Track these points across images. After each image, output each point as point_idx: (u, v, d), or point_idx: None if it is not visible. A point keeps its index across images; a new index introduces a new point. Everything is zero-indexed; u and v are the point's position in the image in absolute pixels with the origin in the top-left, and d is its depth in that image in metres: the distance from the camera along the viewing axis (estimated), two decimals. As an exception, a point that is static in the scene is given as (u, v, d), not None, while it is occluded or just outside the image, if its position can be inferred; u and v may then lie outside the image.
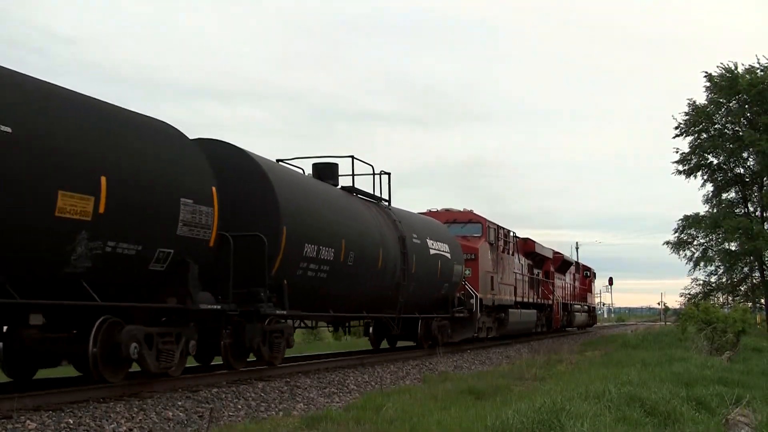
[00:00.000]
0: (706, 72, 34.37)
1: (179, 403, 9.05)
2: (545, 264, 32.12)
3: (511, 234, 26.38)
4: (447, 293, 19.26)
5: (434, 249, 18.10)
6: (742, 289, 36.89)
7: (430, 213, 22.91)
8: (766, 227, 33.96)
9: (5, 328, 8.94)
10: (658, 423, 8.05)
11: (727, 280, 36.59)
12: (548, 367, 15.40)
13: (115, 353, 8.90)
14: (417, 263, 16.88)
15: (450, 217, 23.08)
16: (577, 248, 77.43)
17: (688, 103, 35.27)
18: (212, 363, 12.51)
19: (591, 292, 44.47)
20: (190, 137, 10.81)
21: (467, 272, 20.95)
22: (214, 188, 10.22)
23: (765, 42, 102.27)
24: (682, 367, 13.02)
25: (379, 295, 15.51)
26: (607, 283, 77.03)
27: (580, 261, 44.51)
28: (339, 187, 15.29)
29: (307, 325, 15.59)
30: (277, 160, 13.90)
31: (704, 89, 34.85)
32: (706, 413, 8.97)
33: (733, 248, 35.14)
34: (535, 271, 30.32)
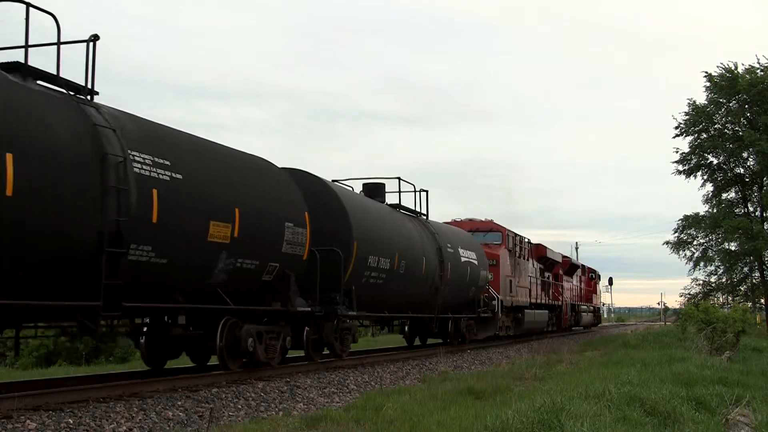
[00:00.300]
0: (706, 72, 34.43)
1: (179, 402, 9.05)
2: (555, 267, 34.13)
3: (526, 240, 28.40)
4: (474, 296, 21.56)
5: (464, 257, 20.34)
6: (742, 289, 36.91)
7: (455, 222, 25.13)
8: (765, 227, 33.97)
9: (145, 327, 11.51)
10: (658, 423, 8.05)
11: (726, 280, 36.61)
12: (548, 367, 15.41)
13: (236, 346, 11.28)
14: (451, 270, 19.05)
15: (473, 226, 25.27)
16: (576, 248, 77.50)
17: (688, 103, 35.32)
18: (288, 356, 13.99)
19: (596, 293, 46.57)
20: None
21: (490, 276, 22.91)
22: (306, 213, 12.76)
23: (765, 42, 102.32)
24: (682, 367, 13.01)
25: (421, 298, 17.77)
26: (607, 283, 77.19)
27: (579, 261, 44.90)
28: (386, 203, 17.63)
29: (365, 324, 17.76)
30: (333, 181, 15.72)
31: (704, 89, 34.90)
32: (706, 413, 8.97)
33: (733, 248, 35.16)
34: (546, 274, 32.23)
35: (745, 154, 35.05)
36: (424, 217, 19.42)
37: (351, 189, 16.26)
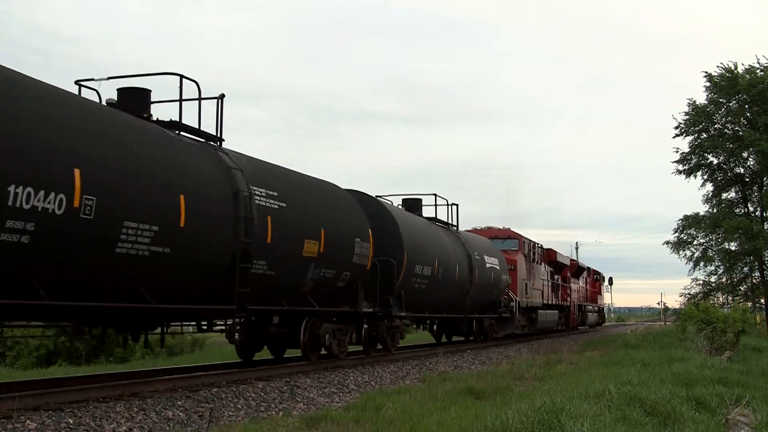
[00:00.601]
0: (706, 72, 34.43)
1: (179, 402, 9.05)
2: (563, 270, 36.08)
3: (538, 246, 30.71)
4: (495, 298, 24.02)
5: (489, 264, 22.72)
6: (742, 289, 36.90)
7: (476, 230, 27.24)
8: (765, 227, 33.96)
9: (238, 326, 13.29)
10: (658, 423, 8.05)
11: (726, 280, 36.60)
12: (548, 367, 15.41)
13: (315, 341, 13.70)
14: (478, 275, 21.47)
15: (492, 234, 27.72)
16: (576, 248, 77.45)
17: (688, 103, 35.31)
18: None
19: (600, 294, 48.80)
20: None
21: (509, 280, 25.05)
22: (369, 230, 15.20)
23: (765, 42, 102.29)
24: (682, 367, 13.01)
25: (454, 300, 20.28)
26: (607, 283, 77.17)
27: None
28: (423, 216, 20.18)
29: (405, 323, 19.85)
30: (377, 196, 17.85)
31: (704, 89, 34.89)
32: (706, 413, 8.97)
33: (733, 248, 35.15)
34: (555, 276, 34.24)
35: (745, 154, 35.05)
36: (455, 228, 22.03)
37: (391, 203, 18.44)
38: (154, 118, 10.76)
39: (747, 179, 36.15)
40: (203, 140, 11.27)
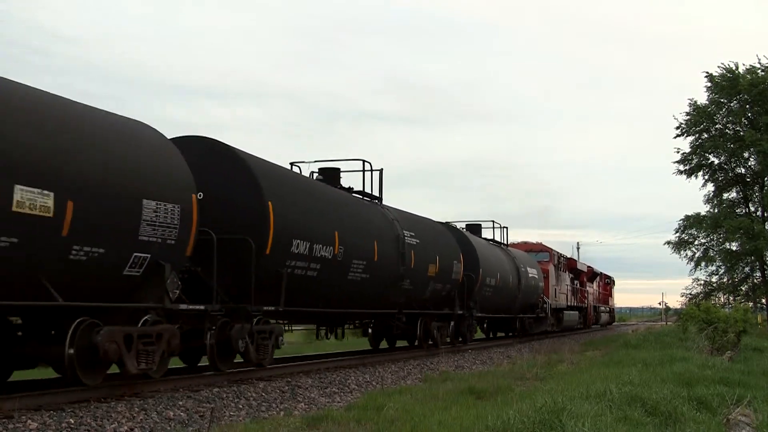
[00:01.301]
0: (707, 72, 34.44)
1: (180, 402, 9.05)
2: (581, 276, 40.89)
3: (562, 256, 36.40)
4: (534, 301, 29.10)
5: (530, 273, 27.92)
6: (743, 288, 36.91)
7: (513, 245, 31.25)
8: (766, 227, 33.96)
9: (371, 323, 18.53)
10: (659, 423, 8.05)
11: (728, 280, 36.61)
12: (549, 367, 15.41)
13: (426, 334, 18.97)
14: (523, 284, 26.57)
15: (528, 248, 32.74)
16: (578, 248, 77.55)
17: (689, 103, 35.33)
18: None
19: (611, 296, 53.59)
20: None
21: (543, 286, 29.98)
22: (461, 254, 20.62)
23: (765, 42, 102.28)
24: (683, 367, 13.01)
25: (508, 304, 25.67)
26: (608, 283, 77.21)
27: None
28: (489, 240, 25.91)
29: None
30: (445, 222, 22.59)
31: (705, 89, 34.92)
32: (708, 413, 8.97)
33: (734, 248, 35.17)
34: (575, 282, 39.24)
35: (746, 154, 35.06)
36: (506, 246, 27.67)
37: (455, 226, 23.33)
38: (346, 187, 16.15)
39: (748, 179, 36.15)
40: (373, 200, 17.02)
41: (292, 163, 15.15)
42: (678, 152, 36.06)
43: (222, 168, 11.29)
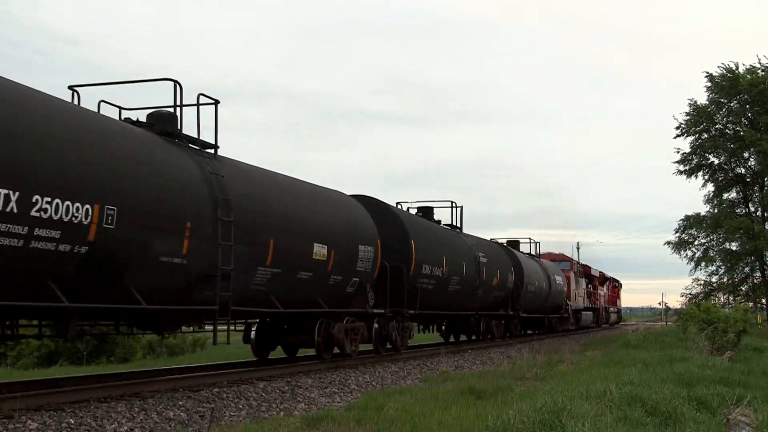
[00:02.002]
0: (707, 72, 34.42)
1: (180, 402, 9.05)
2: (594, 280, 45.66)
3: (579, 263, 42.49)
4: (559, 303, 34.23)
5: (557, 281, 33.19)
6: (743, 289, 36.89)
7: (540, 255, 35.02)
8: (766, 227, 33.95)
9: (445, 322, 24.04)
10: (659, 423, 8.04)
11: (728, 280, 36.59)
12: (549, 367, 15.40)
13: (487, 329, 24.48)
14: (552, 289, 31.91)
15: (552, 257, 37.94)
16: (578, 248, 77.56)
17: (689, 103, 35.30)
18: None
19: (619, 297, 58.51)
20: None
21: (566, 290, 35.17)
22: (513, 268, 26.39)
23: (765, 42, 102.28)
24: (683, 367, 13.01)
25: (542, 305, 30.91)
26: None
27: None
28: (526, 253, 30.83)
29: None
30: (492, 239, 28.56)
31: (705, 89, 34.88)
32: (708, 413, 8.97)
33: (734, 248, 35.15)
34: (589, 285, 43.87)
35: (746, 154, 35.05)
36: (539, 259, 32.70)
37: (504, 244, 28.95)
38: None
39: (748, 179, 36.14)
40: (455, 229, 22.07)
41: (398, 203, 19.81)
42: (678, 152, 36.09)
43: (384, 220, 16.71)
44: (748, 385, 11.42)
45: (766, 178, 34.73)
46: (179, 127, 10.94)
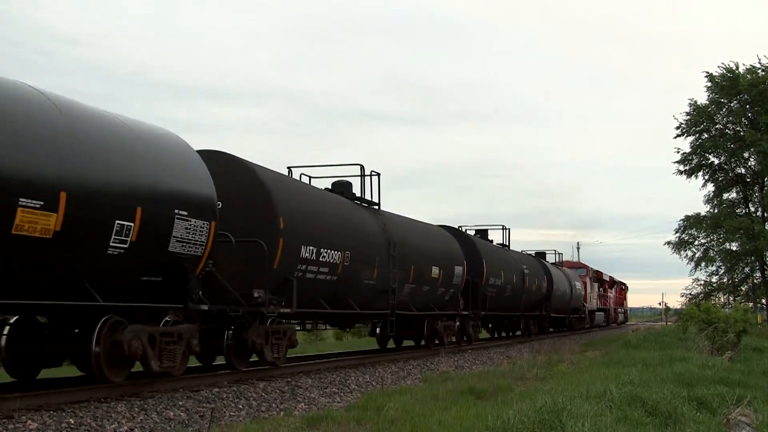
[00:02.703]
0: (708, 72, 34.42)
1: (180, 402, 9.05)
2: (604, 284, 50.85)
3: (593, 269, 46.97)
4: (578, 305, 39.33)
5: (577, 286, 38.47)
6: (743, 289, 36.89)
7: (562, 263, 40.13)
8: (766, 227, 33.94)
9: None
10: (659, 423, 8.04)
11: (728, 280, 36.59)
12: (549, 367, 15.40)
13: (527, 327, 29.96)
14: (573, 293, 36.76)
15: (570, 265, 43.73)
16: (578, 248, 77.70)
17: (689, 103, 35.29)
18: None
19: (625, 299, 64.80)
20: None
21: (583, 294, 40.53)
22: (544, 276, 31.15)
23: (765, 42, 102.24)
24: (683, 367, 13.00)
25: (564, 307, 35.73)
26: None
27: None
28: (551, 263, 35.66)
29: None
30: (524, 251, 32.40)
31: (705, 89, 34.88)
32: (708, 413, 8.96)
33: (734, 248, 35.15)
34: (600, 288, 48.95)
35: (746, 154, 35.04)
36: (561, 267, 37.48)
37: (537, 257, 34.21)
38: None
39: (748, 179, 36.14)
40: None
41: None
42: (678, 152, 36.08)
43: (464, 244, 21.92)
44: (748, 385, 11.42)
45: (766, 178, 34.72)
46: (362, 193, 16.29)
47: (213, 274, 10.59)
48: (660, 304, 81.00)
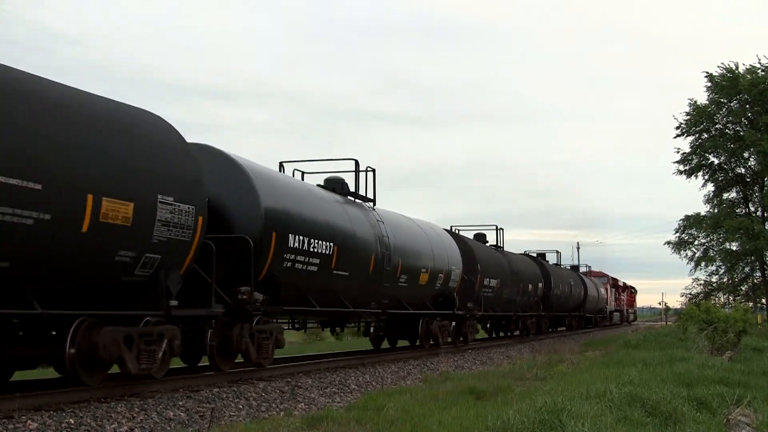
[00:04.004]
0: (707, 72, 34.42)
1: (180, 402, 9.05)
2: (618, 288, 59.03)
3: (611, 277, 55.16)
4: (602, 307, 47.52)
5: (601, 291, 46.45)
6: (743, 288, 36.90)
7: (587, 273, 47.63)
8: (766, 227, 33.94)
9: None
10: (659, 423, 8.05)
11: (728, 280, 36.60)
12: (549, 367, 15.40)
13: (570, 325, 39.38)
14: (599, 297, 44.80)
15: (594, 274, 50.63)
16: (578, 248, 77.72)
17: (689, 103, 35.31)
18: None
19: (635, 301, 73.32)
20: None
21: (605, 297, 48.32)
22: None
23: (765, 42, 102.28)
24: (683, 367, 13.01)
25: (593, 308, 43.11)
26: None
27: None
28: (569, 268, 42.72)
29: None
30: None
31: (705, 89, 34.89)
32: (707, 413, 8.97)
33: (734, 248, 35.16)
34: (615, 292, 56.88)
35: (746, 154, 35.06)
36: (588, 276, 45.51)
37: (577, 269, 43.35)
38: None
39: (748, 179, 36.14)
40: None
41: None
42: (678, 152, 36.10)
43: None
44: (748, 385, 11.42)
45: (766, 178, 34.73)
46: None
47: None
48: (660, 304, 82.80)
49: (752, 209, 36.29)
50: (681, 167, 36.03)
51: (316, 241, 12.96)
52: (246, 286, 10.97)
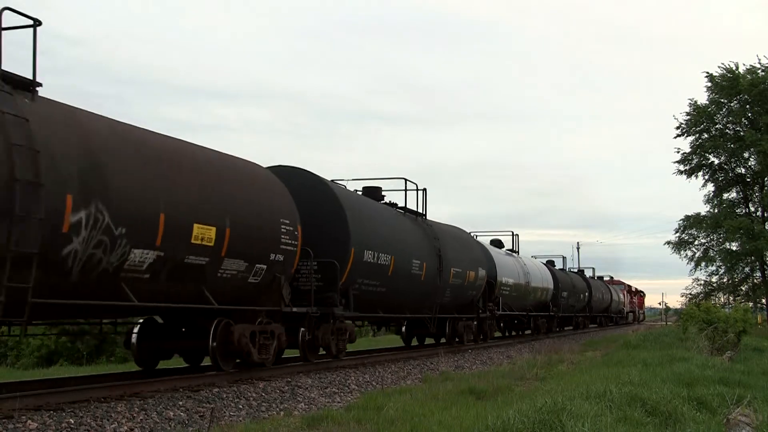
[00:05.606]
0: (708, 72, 34.44)
1: (180, 402, 9.05)
2: (631, 293, 67.56)
3: (626, 284, 63.72)
4: (621, 309, 57.26)
5: (621, 296, 56.96)
6: (743, 289, 36.90)
7: (606, 281, 54.72)
8: (767, 227, 33.95)
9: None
10: (659, 423, 8.04)
11: (728, 280, 36.60)
12: (549, 367, 15.40)
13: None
14: (619, 300, 55.74)
15: (611, 282, 56.71)
16: (578, 248, 77.78)
17: (690, 103, 35.32)
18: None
19: (643, 302, 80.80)
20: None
21: (623, 301, 57.40)
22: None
23: (765, 42, 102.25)
24: (683, 367, 13.00)
25: (615, 310, 54.54)
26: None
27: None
28: (606, 280, 54.69)
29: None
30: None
31: (705, 89, 34.90)
32: (707, 413, 8.96)
33: (734, 248, 35.15)
34: (629, 296, 65.01)
35: (746, 154, 35.06)
36: (610, 283, 54.12)
37: (599, 278, 51.81)
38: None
39: (748, 179, 36.15)
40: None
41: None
42: (678, 152, 36.11)
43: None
44: (748, 385, 11.41)
45: (766, 178, 34.74)
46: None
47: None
48: (660, 304, 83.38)
49: (752, 209, 36.30)
50: (681, 167, 36.09)
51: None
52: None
